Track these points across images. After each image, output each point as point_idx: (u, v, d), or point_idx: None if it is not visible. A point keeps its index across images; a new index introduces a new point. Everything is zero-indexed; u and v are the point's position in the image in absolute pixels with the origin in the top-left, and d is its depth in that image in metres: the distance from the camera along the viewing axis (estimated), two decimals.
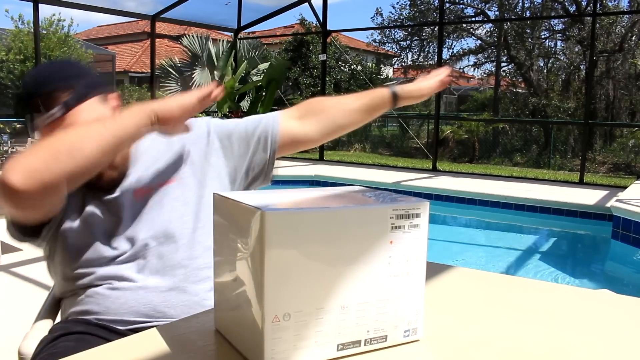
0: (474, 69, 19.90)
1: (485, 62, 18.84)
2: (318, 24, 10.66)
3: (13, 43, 14.37)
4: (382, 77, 19.24)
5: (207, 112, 11.67)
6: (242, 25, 11.02)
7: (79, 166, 0.95)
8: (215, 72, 11.85)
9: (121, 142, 1.00)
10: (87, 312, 1.08)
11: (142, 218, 1.11)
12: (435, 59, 15.88)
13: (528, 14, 17.30)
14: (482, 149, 15.54)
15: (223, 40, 12.39)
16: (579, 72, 16.53)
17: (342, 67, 16.74)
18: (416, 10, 18.12)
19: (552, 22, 17.04)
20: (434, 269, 1.09)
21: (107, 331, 1.04)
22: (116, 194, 1.12)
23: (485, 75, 19.75)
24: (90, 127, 1.00)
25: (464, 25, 17.95)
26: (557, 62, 17.96)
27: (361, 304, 0.73)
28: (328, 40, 10.64)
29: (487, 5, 17.47)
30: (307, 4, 10.20)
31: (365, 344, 0.74)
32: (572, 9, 16.15)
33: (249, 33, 13.56)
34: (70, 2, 8.59)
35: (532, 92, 16.64)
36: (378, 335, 0.75)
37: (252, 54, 12.61)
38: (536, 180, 8.44)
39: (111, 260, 1.09)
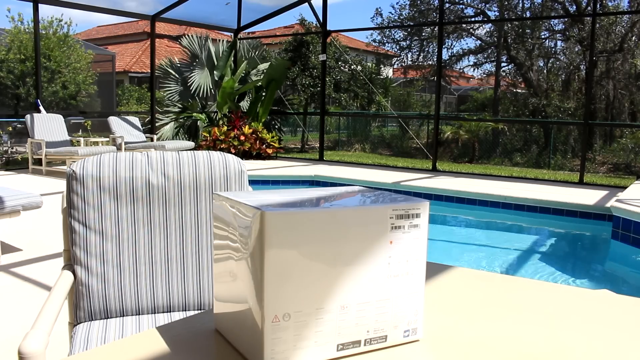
0: (474, 69, 19.91)
1: (485, 62, 18.84)
2: (318, 24, 10.66)
3: (12, 43, 14.36)
4: (382, 77, 19.24)
5: (208, 114, 11.67)
6: (242, 25, 11.02)
7: None
8: (215, 72, 11.84)
9: None
10: None
11: None
12: (435, 59, 15.89)
13: (528, 14, 17.31)
14: (482, 149, 15.55)
15: (223, 41, 12.38)
16: (579, 72, 16.54)
17: (342, 67, 16.74)
18: (416, 10, 18.12)
19: (552, 22, 17.05)
20: (434, 269, 1.10)
21: None
22: None
23: (485, 75, 19.75)
24: None
25: (464, 25, 17.95)
26: (557, 62, 17.96)
27: (361, 304, 0.73)
28: (328, 40, 10.64)
29: (487, 6, 17.47)
30: (307, 4, 10.20)
31: (365, 344, 0.74)
32: (572, 9, 16.15)
33: (248, 33, 13.56)
34: (70, 2, 8.59)
35: (532, 92, 16.64)
36: (378, 336, 0.75)
37: (251, 54, 12.61)
38: (536, 180, 8.44)
39: None
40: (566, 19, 16.47)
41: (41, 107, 8.39)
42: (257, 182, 7.45)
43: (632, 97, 15.82)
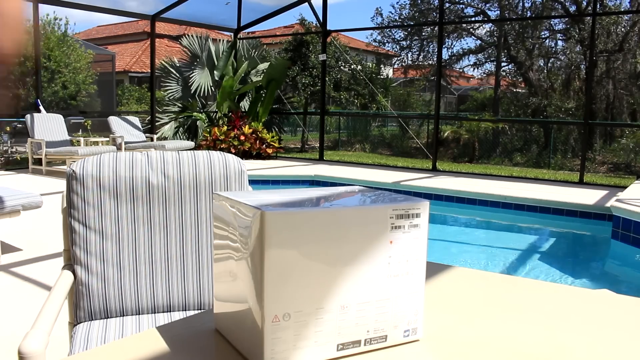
0: (474, 69, 19.92)
1: (485, 62, 18.84)
2: (318, 24, 10.66)
3: None
4: (382, 76, 19.25)
5: (208, 114, 11.67)
6: (242, 25, 11.02)
7: None
8: (215, 72, 11.84)
9: None
10: None
11: None
12: (435, 59, 15.89)
13: (529, 14, 17.31)
14: (482, 149, 15.54)
15: (223, 40, 12.38)
16: (579, 72, 16.54)
17: (342, 67, 16.74)
18: (416, 10, 18.12)
19: (552, 22, 17.04)
20: (434, 269, 1.10)
21: None
22: None
23: (485, 75, 19.75)
24: None
25: (464, 25, 17.96)
26: (558, 62, 17.96)
27: (361, 304, 0.73)
28: (328, 40, 10.64)
29: (487, 5, 17.47)
30: (307, 4, 10.20)
31: (365, 344, 0.74)
32: (573, 8, 16.15)
33: (248, 33, 13.56)
34: (71, 2, 8.59)
35: (532, 92, 16.65)
36: (378, 335, 0.75)
37: (252, 54, 12.60)
38: (536, 180, 8.44)
39: None
40: (566, 19, 16.48)
41: (41, 107, 8.39)
42: (257, 182, 7.45)
43: (633, 96, 15.83)
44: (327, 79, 14.22)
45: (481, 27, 18.49)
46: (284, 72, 11.30)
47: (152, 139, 9.49)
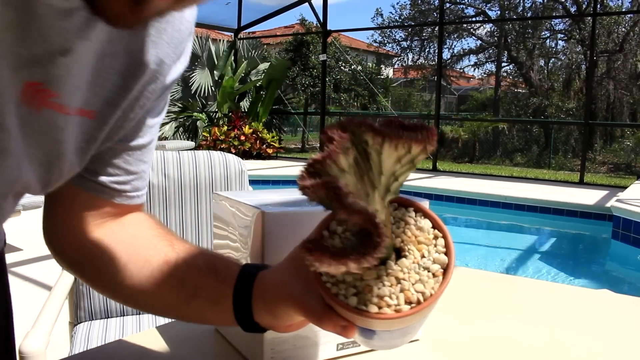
0: (475, 69, 19.93)
1: (486, 62, 18.85)
2: (318, 24, 10.66)
3: None
4: (382, 77, 19.25)
5: (208, 114, 11.68)
6: (242, 25, 11.02)
7: None
8: (215, 72, 11.85)
9: None
10: None
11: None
12: (436, 59, 15.90)
13: (529, 14, 17.32)
14: (483, 149, 15.55)
15: (223, 40, 12.39)
16: (580, 72, 16.54)
17: (342, 67, 16.74)
18: (416, 10, 18.14)
19: (552, 22, 17.05)
20: None
21: None
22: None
23: (485, 75, 19.76)
24: None
25: (465, 25, 17.96)
26: (558, 62, 17.97)
27: None
28: (328, 40, 10.64)
29: (488, 5, 17.48)
30: (307, 4, 10.20)
31: None
32: (573, 9, 16.16)
33: (249, 33, 13.56)
34: None
35: (533, 92, 16.66)
36: None
37: (252, 54, 12.61)
38: (536, 180, 8.44)
39: None
40: (567, 19, 16.48)
41: None
42: (257, 182, 7.45)
43: (633, 97, 15.83)
44: (327, 79, 14.23)
45: (481, 28, 18.51)
46: (284, 72, 11.29)
47: None
